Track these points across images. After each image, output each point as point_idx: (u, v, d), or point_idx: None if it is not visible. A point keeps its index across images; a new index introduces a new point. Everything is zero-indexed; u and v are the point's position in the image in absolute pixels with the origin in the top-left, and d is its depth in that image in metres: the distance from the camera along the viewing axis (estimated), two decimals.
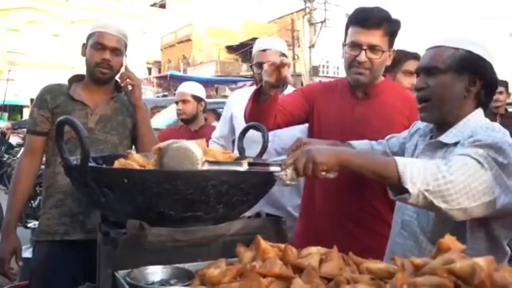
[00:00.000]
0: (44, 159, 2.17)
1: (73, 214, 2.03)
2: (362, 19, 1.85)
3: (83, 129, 1.16)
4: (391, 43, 1.91)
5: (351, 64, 1.90)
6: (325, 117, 2.04)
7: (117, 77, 2.16)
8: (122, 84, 2.14)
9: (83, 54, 2.14)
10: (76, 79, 2.19)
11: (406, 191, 1.23)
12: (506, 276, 0.69)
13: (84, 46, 2.14)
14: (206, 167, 1.23)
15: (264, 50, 2.44)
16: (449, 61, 1.40)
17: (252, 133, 1.61)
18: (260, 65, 2.41)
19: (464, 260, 0.73)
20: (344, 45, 1.94)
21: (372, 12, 1.85)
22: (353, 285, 0.87)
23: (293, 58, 21.24)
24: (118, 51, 2.10)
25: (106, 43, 2.06)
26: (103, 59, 2.05)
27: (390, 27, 1.87)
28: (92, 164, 1.29)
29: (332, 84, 2.16)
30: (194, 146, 1.23)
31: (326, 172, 1.29)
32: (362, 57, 1.85)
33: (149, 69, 33.03)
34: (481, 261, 0.71)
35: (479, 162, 1.25)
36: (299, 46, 22.05)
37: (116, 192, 1.17)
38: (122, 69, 2.14)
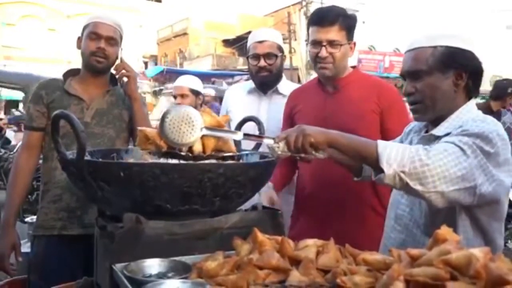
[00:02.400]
0: (42, 154, 2.17)
1: (71, 209, 2.03)
2: (318, 18, 2.02)
3: (79, 123, 1.16)
4: (349, 37, 2.04)
5: (315, 60, 2.06)
6: (301, 116, 2.14)
7: (112, 70, 2.15)
8: (117, 76, 2.12)
9: (79, 47, 2.13)
10: (71, 73, 2.18)
11: (383, 171, 1.27)
12: (502, 266, 0.69)
13: (80, 39, 2.13)
14: (204, 132, 1.29)
15: (261, 42, 2.42)
16: (430, 61, 1.41)
17: (246, 126, 1.61)
18: (257, 56, 2.40)
19: (460, 251, 0.74)
20: (306, 44, 2.10)
21: (327, 12, 2.02)
22: (350, 276, 0.88)
23: (290, 52, 21.17)
24: (114, 41, 2.09)
25: (101, 32, 2.05)
26: (98, 47, 2.04)
27: (345, 22, 2.01)
28: (88, 158, 1.29)
29: (306, 85, 2.30)
30: (194, 112, 1.28)
31: (316, 151, 1.31)
32: (323, 52, 2.00)
33: (146, 63, 32.89)
34: (477, 252, 0.72)
35: (461, 149, 1.27)
36: (295, 39, 21.99)
37: (113, 186, 1.17)
38: (118, 62, 2.13)
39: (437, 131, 1.44)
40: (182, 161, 1.32)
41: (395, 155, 1.26)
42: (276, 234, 1.15)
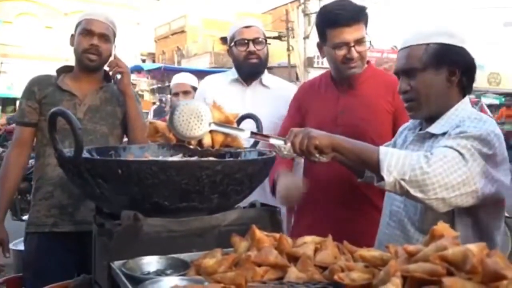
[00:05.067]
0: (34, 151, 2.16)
1: (62, 206, 2.02)
2: (341, 19, 1.87)
3: (76, 120, 1.16)
4: (367, 29, 1.95)
5: (343, 62, 1.93)
6: (312, 114, 2.09)
7: (106, 67, 2.15)
8: (111, 72, 2.11)
9: (72, 44, 2.12)
10: (65, 70, 2.17)
11: (383, 178, 1.28)
12: (498, 261, 0.69)
13: (73, 36, 2.12)
14: (212, 127, 1.32)
15: (248, 27, 2.32)
16: (424, 58, 1.41)
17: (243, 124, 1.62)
18: (245, 42, 2.29)
19: (456, 247, 0.74)
20: (320, 46, 2.00)
21: (346, 9, 1.88)
22: (347, 273, 0.88)
23: (288, 49, 21.16)
24: (107, 38, 2.08)
25: (94, 29, 2.04)
26: (91, 44, 2.03)
27: (365, 15, 1.93)
28: (86, 155, 1.29)
29: (316, 81, 2.20)
30: (204, 107, 1.31)
31: (320, 154, 1.32)
32: (354, 54, 1.90)
33: (143, 61, 32.84)
34: (473, 247, 0.72)
35: (460, 153, 1.27)
36: (293, 37, 21.98)
37: (111, 183, 1.17)
38: (111, 58, 2.12)
39: (433, 128, 1.45)
40: (186, 156, 1.35)
41: (395, 163, 1.27)
42: (274, 231, 1.15)
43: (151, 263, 1.08)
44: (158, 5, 33.54)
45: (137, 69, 23.51)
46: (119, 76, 2.09)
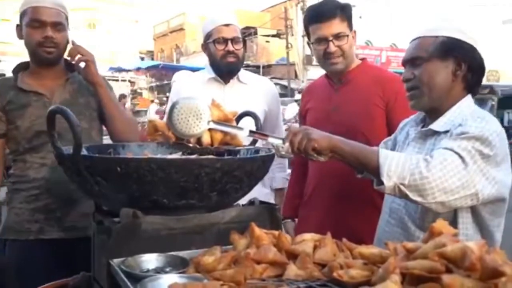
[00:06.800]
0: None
1: (49, 210, 1.84)
2: (317, 15, 1.99)
3: (75, 117, 1.16)
4: (351, 26, 2.01)
5: (324, 57, 2.01)
6: (309, 113, 2.16)
7: (66, 56, 1.93)
8: (73, 62, 1.86)
9: (20, 36, 1.89)
10: (21, 68, 1.94)
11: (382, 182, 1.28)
12: (497, 259, 0.69)
13: (19, 27, 1.88)
14: (211, 125, 1.31)
15: (227, 25, 2.26)
16: (431, 49, 1.43)
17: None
18: (224, 40, 2.24)
19: (455, 244, 0.74)
20: (309, 43, 2.08)
21: (323, 6, 2.00)
22: (346, 270, 0.88)
23: (287, 47, 21.16)
24: (61, 26, 1.84)
25: (45, 19, 1.80)
26: (45, 36, 1.80)
27: (344, 12, 1.99)
28: (84, 153, 1.29)
29: (316, 81, 2.28)
30: (203, 105, 1.31)
31: (318, 154, 1.32)
32: (331, 47, 1.96)
33: (142, 59, 32.82)
34: (472, 245, 0.72)
35: (460, 156, 1.27)
36: (292, 34, 21.97)
37: (109, 180, 1.17)
38: (69, 46, 1.88)
39: (436, 126, 1.45)
40: (185, 154, 1.35)
41: (395, 167, 1.27)
42: (273, 229, 1.16)
43: (150, 260, 1.08)
44: (157, 2, 33.49)
45: (136, 68, 23.50)
46: (82, 65, 1.85)
